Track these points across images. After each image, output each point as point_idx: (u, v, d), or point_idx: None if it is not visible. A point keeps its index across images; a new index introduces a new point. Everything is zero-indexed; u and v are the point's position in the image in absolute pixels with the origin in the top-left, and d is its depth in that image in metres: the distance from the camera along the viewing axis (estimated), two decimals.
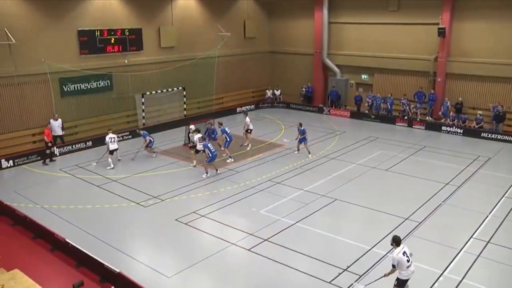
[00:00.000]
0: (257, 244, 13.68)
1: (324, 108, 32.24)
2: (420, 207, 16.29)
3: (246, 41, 34.24)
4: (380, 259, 12.77)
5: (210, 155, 19.21)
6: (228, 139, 21.50)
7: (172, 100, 28.78)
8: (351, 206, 16.59)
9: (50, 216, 15.62)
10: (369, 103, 30.52)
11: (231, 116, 30.97)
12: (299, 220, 15.26)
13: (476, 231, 14.54)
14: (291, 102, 34.29)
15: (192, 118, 26.73)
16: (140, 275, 11.84)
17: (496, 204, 16.65)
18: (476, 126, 26.60)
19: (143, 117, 27.14)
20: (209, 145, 19.40)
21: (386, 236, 14.01)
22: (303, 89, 34.27)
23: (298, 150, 22.60)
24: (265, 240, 13.94)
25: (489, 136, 25.63)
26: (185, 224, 15.10)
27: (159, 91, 27.90)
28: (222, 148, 21.56)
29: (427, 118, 28.81)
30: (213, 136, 22.46)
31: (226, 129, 21.68)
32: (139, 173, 20.05)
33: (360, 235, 14.43)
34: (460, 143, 25.12)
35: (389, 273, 10.44)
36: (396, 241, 10.34)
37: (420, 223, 15.09)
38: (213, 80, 31.08)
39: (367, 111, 30.59)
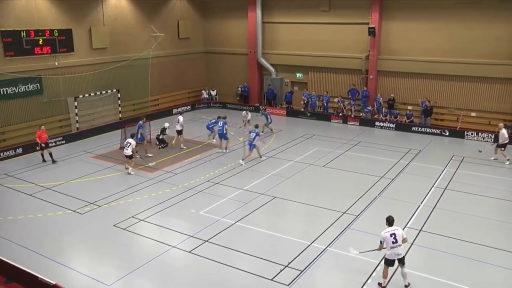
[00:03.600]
0: (198, 246, 13.58)
1: (260, 107, 32.43)
2: (357, 201, 16.80)
3: (180, 42, 33.88)
4: (321, 253, 13.05)
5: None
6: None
7: (106, 102, 27.96)
8: (290, 203, 16.83)
9: None
10: (305, 101, 31.06)
11: (169, 117, 30.48)
12: (239, 220, 15.30)
13: (409, 220, 15.21)
14: (227, 102, 34.35)
15: (128, 121, 26.07)
16: (78, 285, 11.47)
17: (427, 194, 17.50)
18: (407, 121, 27.78)
19: (77, 121, 26.19)
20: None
21: (325, 231, 14.38)
22: (239, 88, 34.39)
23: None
24: (205, 241, 13.87)
25: (419, 130, 26.88)
26: (124, 229, 14.73)
27: (92, 94, 27.01)
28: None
29: (361, 114, 29.72)
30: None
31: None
32: (74, 179, 19.32)
33: (300, 231, 14.68)
34: (393, 137, 26.15)
35: (379, 249, 11.19)
36: (389, 221, 11.23)
37: (357, 216, 15.56)
38: (147, 82, 30.56)
39: (302, 109, 31.12)
